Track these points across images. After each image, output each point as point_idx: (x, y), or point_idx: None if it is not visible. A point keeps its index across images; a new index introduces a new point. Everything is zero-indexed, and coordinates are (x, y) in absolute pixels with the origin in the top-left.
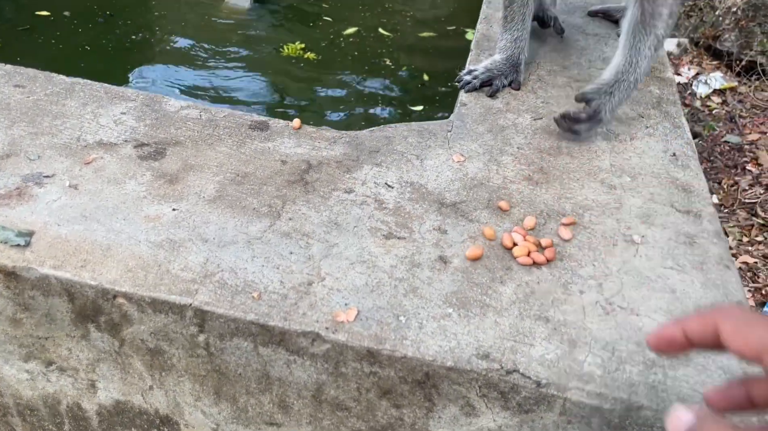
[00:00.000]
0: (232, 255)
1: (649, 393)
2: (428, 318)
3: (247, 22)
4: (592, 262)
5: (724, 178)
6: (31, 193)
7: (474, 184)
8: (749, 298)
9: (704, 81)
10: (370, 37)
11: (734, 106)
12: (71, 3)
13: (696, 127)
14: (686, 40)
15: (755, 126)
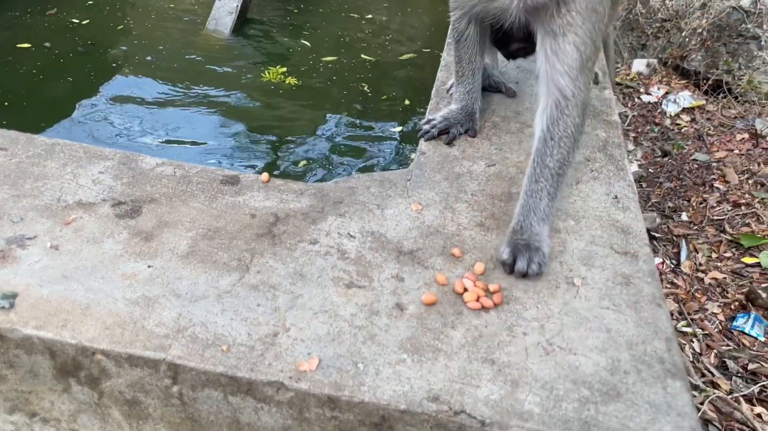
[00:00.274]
0: (203, 310)
1: (583, 428)
2: (384, 364)
3: (227, 49)
4: (536, 305)
5: (693, 195)
6: (15, 255)
7: (430, 231)
8: (718, 313)
9: (673, 100)
10: (351, 62)
11: (702, 125)
12: (52, 35)
13: (666, 146)
14: (655, 60)
15: (722, 144)
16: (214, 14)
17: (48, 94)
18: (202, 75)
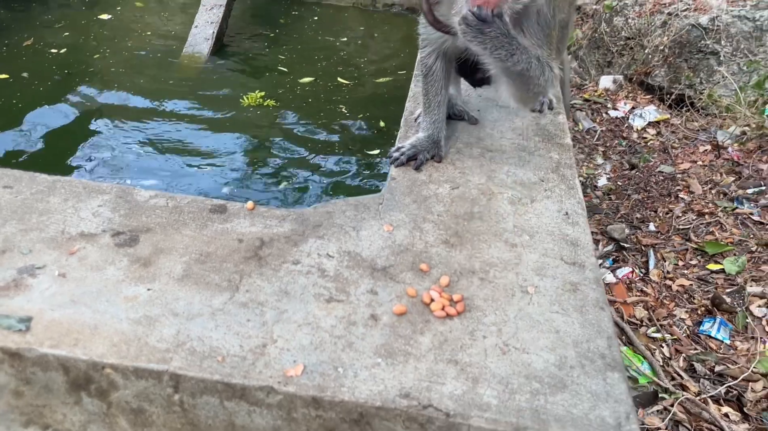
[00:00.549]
0: (199, 326)
1: (533, 416)
2: (361, 368)
3: (205, 75)
4: (494, 311)
5: (659, 206)
6: (27, 283)
7: (401, 249)
8: (686, 318)
9: (639, 114)
10: (328, 85)
11: (668, 137)
12: (30, 65)
13: (633, 159)
14: (621, 76)
15: (686, 155)
16: (191, 41)
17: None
18: (181, 101)
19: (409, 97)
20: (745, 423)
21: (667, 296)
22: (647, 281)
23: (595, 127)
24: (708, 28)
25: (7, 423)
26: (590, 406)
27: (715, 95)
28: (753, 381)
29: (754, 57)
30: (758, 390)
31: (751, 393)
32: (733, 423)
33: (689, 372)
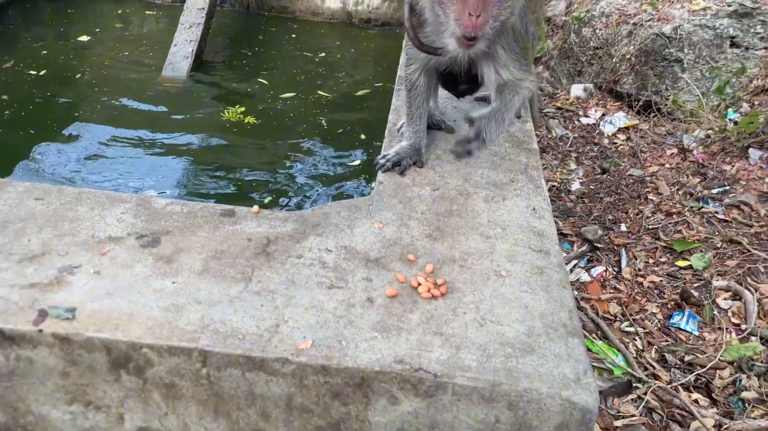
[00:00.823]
0: (220, 311)
1: (507, 374)
2: (361, 341)
3: (186, 92)
4: (472, 292)
5: (630, 207)
6: (67, 280)
7: (390, 243)
8: (657, 312)
9: (610, 121)
10: (309, 99)
11: (637, 142)
12: (10, 87)
13: (604, 164)
14: (591, 85)
15: (654, 159)
16: (170, 59)
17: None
18: (162, 119)
19: (392, 110)
20: (713, 407)
21: (638, 292)
22: (620, 279)
23: (567, 134)
24: (671, 36)
25: (53, 401)
26: (554, 365)
27: (680, 101)
28: (720, 369)
29: (716, 63)
30: (725, 377)
31: (718, 380)
32: (703, 408)
33: (661, 362)
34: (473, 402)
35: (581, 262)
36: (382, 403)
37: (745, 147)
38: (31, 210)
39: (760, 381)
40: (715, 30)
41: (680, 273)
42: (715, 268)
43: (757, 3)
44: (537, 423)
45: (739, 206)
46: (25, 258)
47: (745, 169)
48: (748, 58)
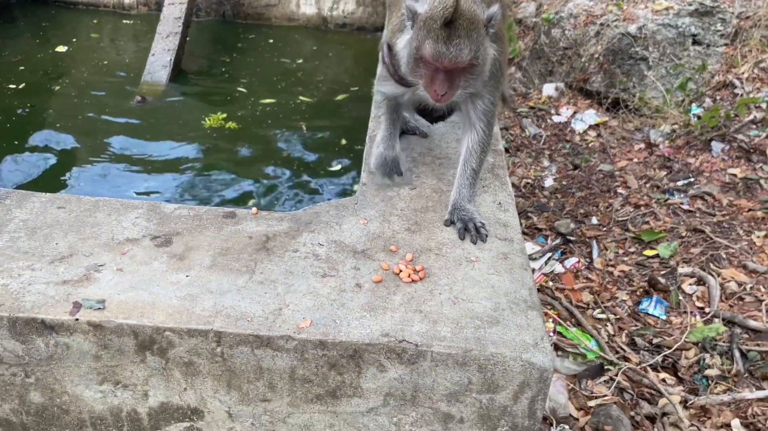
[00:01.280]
0: (230, 299)
1: (476, 342)
2: (352, 319)
3: (166, 99)
4: (446, 276)
5: (600, 201)
6: (94, 277)
7: (374, 236)
8: (627, 299)
9: (581, 118)
10: (290, 104)
11: (607, 138)
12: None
13: (576, 160)
14: (562, 84)
15: (623, 154)
16: (149, 68)
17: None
18: (143, 128)
19: (372, 118)
20: (680, 385)
21: (609, 281)
22: (592, 269)
23: (540, 133)
24: (636, 36)
25: (86, 382)
26: (516, 333)
27: (646, 97)
28: (686, 349)
29: (679, 61)
30: (690, 357)
31: (684, 360)
32: (670, 386)
33: (631, 345)
34: (449, 367)
35: (555, 255)
36: (372, 371)
37: (708, 140)
38: (56, 217)
39: (723, 359)
40: (678, 28)
41: (648, 262)
42: (680, 256)
43: (716, 2)
44: (503, 382)
45: (703, 196)
46: (56, 259)
47: (708, 161)
48: (710, 54)
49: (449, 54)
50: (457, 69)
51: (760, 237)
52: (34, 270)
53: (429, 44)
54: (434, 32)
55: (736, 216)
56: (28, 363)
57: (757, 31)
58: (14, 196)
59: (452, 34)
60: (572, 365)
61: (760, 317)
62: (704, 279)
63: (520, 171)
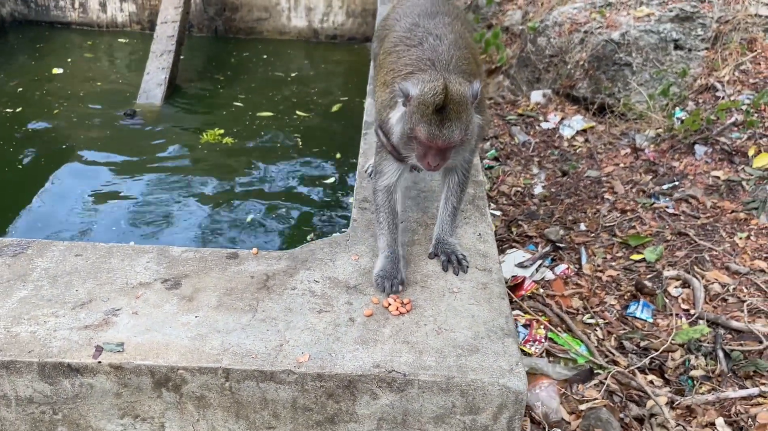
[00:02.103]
0: (235, 337)
1: (458, 369)
2: (346, 352)
3: (162, 119)
4: (431, 307)
5: (588, 207)
6: (112, 321)
7: (365, 271)
8: (615, 304)
9: (568, 124)
10: (285, 119)
11: (594, 144)
12: None
13: (564, 167)
14: (549, 91)
15: (610, 160)
16: (144, 87)
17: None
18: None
19: (360, 153)
20: (666, 386)
21: (598, 286)
22: (581, 275)
23: (529, 140)
24: (620, 42)
25: (108, 417)
26: (494, 360)
27: (631, 103)
28: (672, 351)
29: (662, 66)
30: (677, 358)
31: (670, 362)
32: (657, 388)
33: (619, 349)
34: (434, 393)
35: (546, 262)
36: (366, 399)
37: (692, 143)
38: (74, 265)
39: (707, 360)
40: (660, 34)
41: (635, 266)
42: (666, 259)
43: (696, 7)
44: (483, 404)
45: (687, 200)
46: (77, 305)
47: (692, 164)
48: (691, 58)
49: (442, 136)
50: (449, 147)
51: (742, 239)
52: (58, 316)
53: (423, 127)
54: (427, 117)
55: (720, 218)
56: (56, 402)
57: (737, 35)
58: (35, 246)
59: (444, 117)
60: (563, 370)
61: (742, 317)
62: (689, 282)
63: (510, 179)
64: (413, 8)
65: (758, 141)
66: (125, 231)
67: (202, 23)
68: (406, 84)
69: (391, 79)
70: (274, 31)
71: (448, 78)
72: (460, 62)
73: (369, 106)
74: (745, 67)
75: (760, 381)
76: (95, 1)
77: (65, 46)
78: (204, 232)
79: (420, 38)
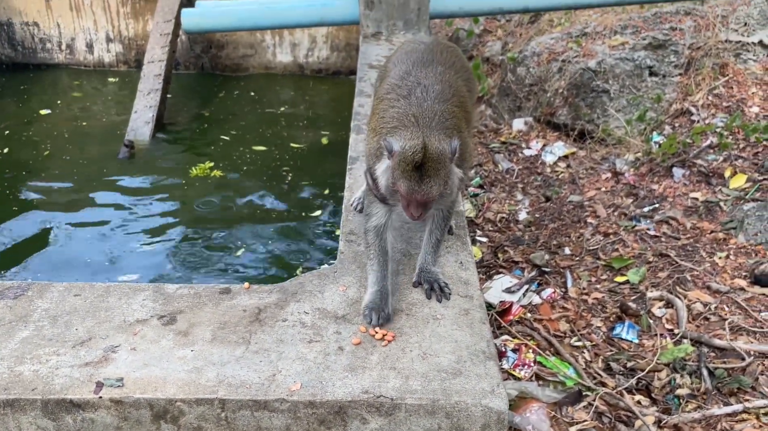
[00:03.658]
0: (230, 369)
1: (443, 392)
2: (336, 380)
3: (150, 156)
4: (416, 334)
5: (572, 231)
6: (112, 357)
7: (353, 302)
8: (601, 326)
9: (550, 151)
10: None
11: (576, 169)
12: None
13: (547, 192)
14: (531, 118)
15: (591, 184)
16: (132, 125)
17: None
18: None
19: (346, 188)
20: (653, 406)
21: (584, 309)
22: (567, 298)
23: (513, 167)
24: (596, 70)
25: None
26: (476, 382)
27: (609, 128)
28: (658, 371)
29: (638, 92)
30: (663, 378)
31: (657, 381)
32: (644, 408)
33: (607, 370)
34: (421, 416)
35: (532, 286)
36: (356, 424)
37: (670, 166)
38: (73, 304)
39: (692, 378)
40: (635, 61)
41: (619, 288)
42: (649, 281)
43: (668, 35)
44: (467, 425)
45: (668, 221)
46: (77, 343)
47: (671, 186)
48: (666, 84)
49: (421, 191)
50: (428, 200)
51: (722, 258)
52: (60, 355)
53: (403, 183)
54: (407, 173)
55: (699, 238)
56: None
57: (709, 60)
58: (35, 287)
59: (423, 174)
60: (553, 393)
61: (725, 336)
62: (672, 302)
63: (495, 206)
64: (410, 54)
65: (733, 162)
66: (119, 268)
67: (189, 61)
68: (391, 140)
69: (380, 127)
70: (260, 67)
71: (428, 136)
72: (444, 117)
73: (354, 142)
74: (718, 91)
75: (744, 398)
76: (82, 42)
77: (53, 87)
78: (196, 266)
79: (409, 88)
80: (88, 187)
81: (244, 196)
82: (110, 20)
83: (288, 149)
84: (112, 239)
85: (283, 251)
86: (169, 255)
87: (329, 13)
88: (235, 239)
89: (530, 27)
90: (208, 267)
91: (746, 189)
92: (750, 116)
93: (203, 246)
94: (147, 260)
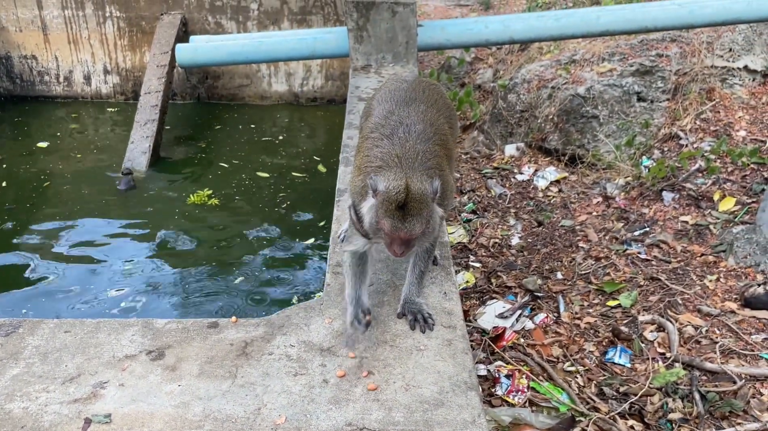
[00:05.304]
0: (216, 403)
1: (425, 423)
2: (321, 413)
3: (148, 184)
4: (400, 365)
5: (564, 256)
6: (100, 393)
7: (338, 333)
8: (594, 350)
9: (542, 176)
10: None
11: (567, 194)
12: None
13: (539, 217)
14: (522, 144)
15: (583, 209)
16: (129, 156)
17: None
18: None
19: (334, 220)
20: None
21: (577, 334)
22: (560, 323)
23: (505, 192)
24: (586, 96)
25: None
26: (458, 412)
27: (599, 153)
28: (650, 395)
29: (627, 117)
30: (655, 402)
31: (649, 406)
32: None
33: (600, 395)
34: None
35: (525, 311)
36: None
37: (659, 190)
38: (63, 341)
39: (684, 402)
40: (623, 87)
41: (611, 313)
42: (640, 304)
43: (654, 61)
44: None
45: (658, 245)
46: (66, 380)
47: (661, 210)
48: (654, 109)
49: (404, 229)
50: (411, 238)
51: (712, 281)
52: (49, 391)
53: (387, 221)
54: (390, 212)
55: (690, 261)
56: None
57: (695, 85)
58: (26, 325)
59: (406, 214)
60: (546, 419)
61: (716, 359)
62: (663, 326)
63: (488, 231)
64: (393, 93)
65: (722, 186)
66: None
67: (185, 91)
68: (376, 179)
69: (364, 166)
70: (256, 96)
71: (410, 177)
72: (426, 157)
73: (342, 173)
74: (706, 116)
75: (736, 421)
76: (80, 74)
77: (51, 119)
78: (187, 298)
79: (393, 128)
80: (85, 219)
81: (240, 223)
82: (107, 52)
83: (285, 177)
84: (107, 271)
85: (276, 280)
86: (162, 285)
87: (320, 47)
88: (230, 267)
89: (520, 54)
90: (199, 298)
91: (735, 212)
92: (737, 140)
93: (194, 277)
94: (140, 292)
